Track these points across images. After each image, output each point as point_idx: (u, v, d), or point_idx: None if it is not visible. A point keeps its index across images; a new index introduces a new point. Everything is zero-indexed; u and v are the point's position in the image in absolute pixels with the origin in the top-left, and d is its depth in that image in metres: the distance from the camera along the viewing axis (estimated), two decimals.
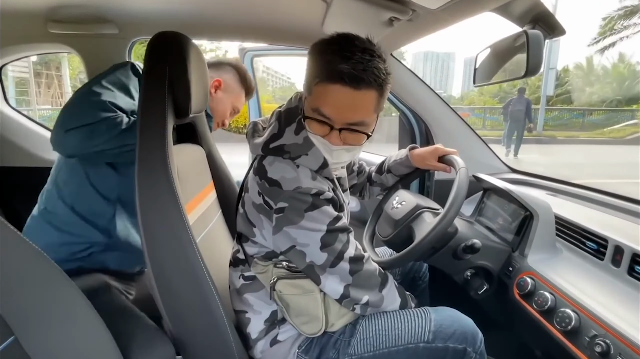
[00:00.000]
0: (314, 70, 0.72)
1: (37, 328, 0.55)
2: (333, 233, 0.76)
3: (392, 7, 0.76)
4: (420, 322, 0.83)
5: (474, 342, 0.82)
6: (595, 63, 18.36)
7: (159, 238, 0.74)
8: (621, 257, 0.76)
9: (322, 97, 0.71)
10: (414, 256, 0.86)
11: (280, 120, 0.81)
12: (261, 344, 0.84)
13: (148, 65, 0.79)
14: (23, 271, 0.54)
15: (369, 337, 0.83)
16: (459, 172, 0.89)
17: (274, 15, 1.08)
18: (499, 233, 1.05)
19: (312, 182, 0.75)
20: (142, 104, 0.77)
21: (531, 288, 0.83)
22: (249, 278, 0.86)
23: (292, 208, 0.73)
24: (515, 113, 8.86)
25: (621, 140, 12.61)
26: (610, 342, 0.63)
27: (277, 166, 0.77)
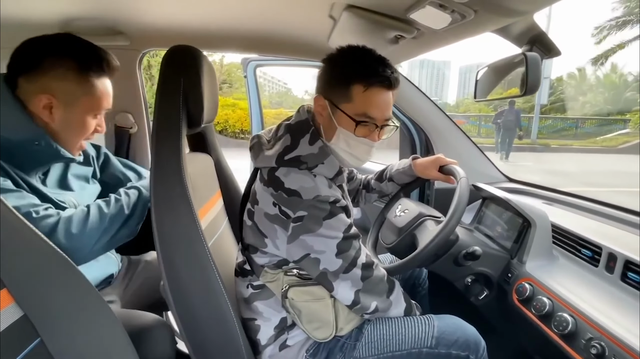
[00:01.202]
0: (354, 77, 0.79)
1: (62, 329, 0.57)
2: (348, 239, 0.79)
3: (399, 27, 0.80)
4: (424, 328, 0.86)
5: (477, 350, 0.85)
6: (588, 73, 18.70)
7: (173, 245, 0.77)
8: (614, 264, 0.80)
9: (368, 101, 0.80)
10: (417, 263, 0.89)
11: (292, 133, 0.84)
12: (270, 349, 0.87)
13: (163, 77, 0.83)
14: (49, 276, 0.57)
15: (374, 341, 0.85)
16: (459, 181, 0.92)
17: (282, 29, 1.12)
18: (497, 241, 1.09)
19: (329, 190, 0.79)
20: (157, 114, 0.80)
21: (530, 294, 0.87)
22: (258, 286, 0.88)
23: (311, 217, 0.76)
24: (507, 123, 9.64)
25: (614, 149, 12.80)
26: (605, 344, 0.66)
27: (293, 177, 0.79)
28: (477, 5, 0.60)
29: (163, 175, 0.77)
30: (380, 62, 0.79)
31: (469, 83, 71.42)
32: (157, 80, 0.84)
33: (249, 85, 2.12)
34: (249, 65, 2.06)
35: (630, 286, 0.76)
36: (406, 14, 0.73)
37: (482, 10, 0.62)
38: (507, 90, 0.99)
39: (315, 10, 0.90)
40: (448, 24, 0.69)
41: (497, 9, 0.61)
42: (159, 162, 0.77)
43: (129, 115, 1.31)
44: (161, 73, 0.83)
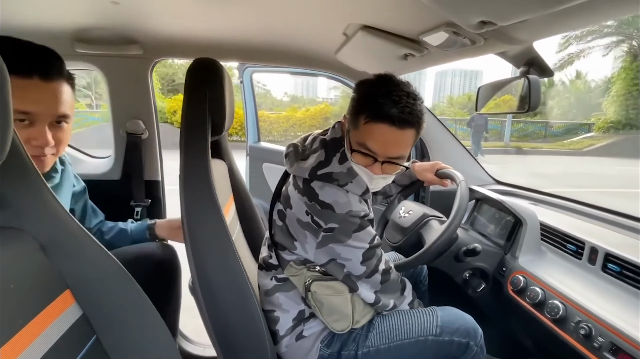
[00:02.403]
0: (363, 108, 0.80)
1: (115, 328, 0.62)
2: (372, 249, 0.87)
3: (410, 46, 0.89)
4: (429, 319, 0.94)
5: (475, 336, 0.94)
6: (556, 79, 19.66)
7: (203, 246, 0.83)
8: (596, 257, 0.91)
9: (368, 134, 0.80)
10: (426, 259, 0.98)
11: (327, 149, 0.88)
12: (287, 339, 0.93)
13: (190, 88, 0.88)
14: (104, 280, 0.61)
15: (384, 331, 0.93)
16: (460, 184, 1.02)
17: (293, 42, 1.18)
18: (491, 238, 1.20)
19: (359, 205, 0.85)
20: (185, 122, 0.85)
21: (523, 285, 0.97)
22: (282, 279, 0.95)
23: (342, 229, 0.83)
24: (477, 127, 11.12)
25: (580, 151, 13.54)
26: (592, 326, 0.77)
27: (328, 190, 0.84)
28: (487, 34, 0.69)
29: (193, 180, 0.82)
30: (397, 99, 0.77)
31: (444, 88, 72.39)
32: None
33: (245, 91, 2.16)
34: (246, 71, 2.10)
35: (610, 275, 0.87)
36: (419, 36, 0.82)
37: (491, 38, 0.72)
38: (500, 97, 1.11)
39: (331, 27, 0.97)
40: (457, 47, 0.78)
41: (504, 37, 0.71)
42: (188, 167, 0.83)
43: (140, 122, 1.34)
44: (187, 84, 0.88)
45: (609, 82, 16.60)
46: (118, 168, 1.38)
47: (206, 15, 1.02)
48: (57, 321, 0.54)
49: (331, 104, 16.28)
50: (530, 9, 0.55)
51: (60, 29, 1.12)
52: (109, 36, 1.16)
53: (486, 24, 0.61)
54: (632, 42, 14.77)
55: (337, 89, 24.75)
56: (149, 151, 1.39)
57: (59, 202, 0.59)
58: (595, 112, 16.36)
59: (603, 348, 0.73)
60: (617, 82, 15.01)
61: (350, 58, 1.14)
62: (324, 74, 1.55)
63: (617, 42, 15.32)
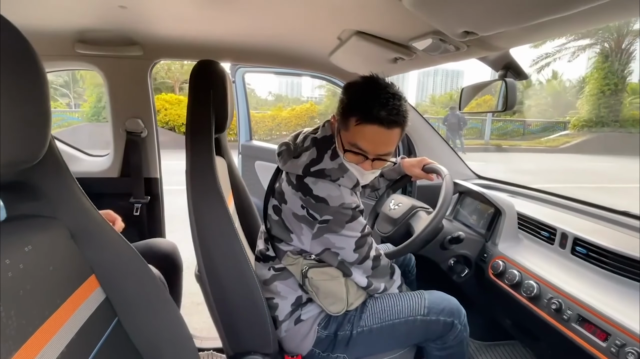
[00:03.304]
0: (353, 111, 0.85)
1: (135, 312, 0.67)
2: (363, 237, 0.94)
3: (400, 51, 0.96)
4: (417, 300, 1.03)
5: (459, 316, 1.04)
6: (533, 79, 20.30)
7: (210, 237, 0.88)
8: (566, 241, 1.01)
9: (360, 134, 0.86)
10: (414, 246, 1.07)
11: (318, 147, 0.94)
12: (286, 324, 1.00)
13: (195, 88, 0.93)
14: (126, 267, 0.67)
15: (377, 312, 1.02)
16: (445, 177, 1.11)
17: (288, 45, 1.25)
18: (473, 228, 1.29)
19: (351, 198, 0.93)
20: (191, 120, 0.91)
21: (502, 269, 1.07)
22: (279, 269, 1.01)
23: (335, 221, 0.90)
24: (452, 125, 11.65)
25: (556, 148, 14.06)
26: (562, 301, 0.87)
27: (321, 185, 0.91)
28: (470, 42, 0.78)
29: (199, 176, 0.88)
30: (385, 101, 0.82)
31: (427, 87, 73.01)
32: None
33: (237, 91, 2.20)
34: (238, 72, 2.14)
35: (578, 257, 0.97)
36: (409, 42, 0.90)
37: (473, 45, 0.80)
38: (481, 97, 1.21)
39: (326, 32, 1.04)
40: (443, 52, 0.87)
41: (485, 45, 0.80)
42: (195, 163, 0.89)
43: (139, 121, 1.37)
44: (192, 84, 0.94)
45: (583, 82, 17.27)
46: (117, 166, 1.42)
47: (205, 18, 1.06)
48: (85, 304, 0.59)
49: (316, 103, 16.34)
50: (508, 22, 0.64)
51: (62, 30, 1.15)
52: (110, 38, 1.20)
53: (469, 34, 0.69)
54: (604, 43, 15.40)
55: (321, 88, 24.77)
56: (148, 149, 1.42)
57: (86, 195, 0.64)
58: (571, 111, 17.00)
59: (571, 320, 0.83)
60: (590, 82, 15.65)
61: (343, 60, 1.21)
62: (314, 75, 1.62)
63: (590, 44, 15.94)
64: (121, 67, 1.31)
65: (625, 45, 15.02)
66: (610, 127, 14.50)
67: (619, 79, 14.80)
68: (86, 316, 0.58)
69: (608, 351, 0.74)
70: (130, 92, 1.35)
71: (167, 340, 0.72)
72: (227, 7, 0.94)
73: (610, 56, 15.17)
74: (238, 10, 0.96)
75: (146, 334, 0.69)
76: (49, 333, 0.50)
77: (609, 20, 0.70)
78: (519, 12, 0.58)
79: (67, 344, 0.52)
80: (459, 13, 0.63)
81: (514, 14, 0.60)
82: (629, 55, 15.14)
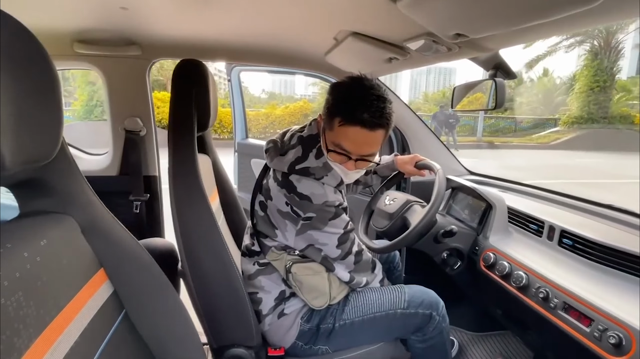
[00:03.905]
0: (338, 112, 0.87)
1: (140, 304, 0.70)
2: (346, 234, 0.98)
3: (394, 51, 1.00)
4: (397, 295, 1.07)
5: (437, 308, 1.08)
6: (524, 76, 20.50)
7: (192, 233, 0.90)
8: (553, 234, 1.06)
9: (343, 135, 0.87)
10: (410, 239, 1.10)
11: (304, 145, 0.96)
12: (269, 318, 1.03)
13: (176, 87, 0.95)
14: (131, 261, 0.69)
15: (359, 306, 1.05)
16: (438, 172, 1.15)
17: (285, 45, 1.27)
18: (466, 222, 1.34)
19: (335, 196, 0.95)
20: (173, 119, 0.93)
21: (493, 261, 1.11)
22: (263, 264, 1.04)
23: (319, 218, 0.93)
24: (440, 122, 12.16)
25: (547, 145, 14.26)
26: (549, 290, 0.91)
27: (305, 183, 0.93)
28: (462, 43, 0.81)
29: (181, 173, 0.90)
30: (369, 104, 0.84)
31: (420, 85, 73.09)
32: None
33: (233, 89, 2.22)
34: (233, 70, 2.16)
35: (565, 249, 1.02)
36: (403, 42, 0.93)
37: (464, 46, 0.84)
38: (473, 95, 1.25)
39: (322, 32, 1.07)
40: (436, 52, 0.90)
41: (475, 46, 0.83)
42: (177, 161, 0.91)
43: (138, 119, 1.39)
44: (174, 83, 0.95)
45: (573, 79, 17.50)
46: (116, 164, 1.43)
47: (203, 18, 1.08)
48: (95, 297, 0.62)
49: (310, 101, 16.32)
50: (497, 25, 0.68)
51: (61, 30, 1.16)
52: (109, 38, 1.21)
53: (460, 36, 0.73)
54: (593, 41, 15.61)
55: (315, 85, 24.74)
56: (147, 147, 1.44)
57: (94, 192, 0.67)
58: (562, 108, 17.22)
59: (557, 307, 0.88)
60: (580, 79, 15.87)
61: (338, 60, 1.24)
62: (308, 73, 1.65)
63: (580, 41, 16.14)
64: (120, 67, 1.32)
65: (613, 43, 15.25)
66: (599, 123, 14.74)
67: (607, 76, 15.05)
68: (96, 308, 0.61)
69: (591, 335, 0.78)
70: (129, 91, 1.37)
71: (172, 332, 0.74)
72: (224, 7, 0.95)
73: (599, 54, 15.39)
74: (236, 11, 0.98)
75: (152, 327, 0.72)
76: (64, 322, 0.53)
77: (595, 24, 0.74)
78: (508, 16, 0.62)
79: (80, 333, 0.55)
80: (451, 16, 0.67)
81: (502, 18, 0.64)
82: (617, 53, 15.38)
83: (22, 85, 0.44)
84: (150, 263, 0.73)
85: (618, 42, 15.31)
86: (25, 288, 0.46)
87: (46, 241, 0.53)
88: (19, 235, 0.50)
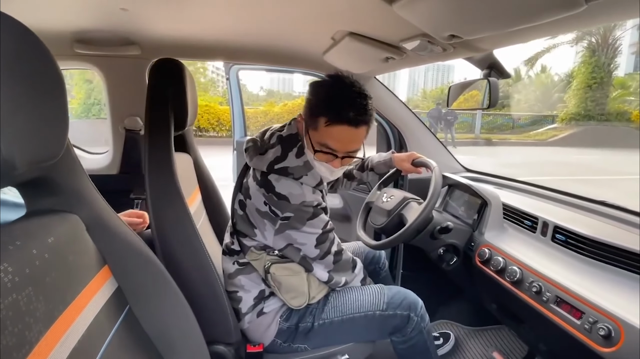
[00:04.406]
0: (322, 112, 0.88)
1: (143, 299, 0.72)
2: (325, 234, 0.99)
3: (391, 51, 1.01)
4: (377, 296, 1.09)
5: (416, 308, 1.10)
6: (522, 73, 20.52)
7: (169, 232, 0.91)
8: (547, 229, 1.08)
9: (329, 135, 0.89)
10: (407, 235, 1.12)
11: (283, 145, 0.96)
12: (249, 316, 1.04)
13: (152, 87, 0.95)
14: (134, 258, 0.71)
15: (338, 306, 1.07)
16: (434, 170, 1.17)
17: (284, 44, 1.28)
18: (462, 219, 1.36)
19: (313, 196, 0.96)
20: (149, 118, 0.93)
21: (488, 256, 1.13)
22: (243, 264, 1.05)
23: (296, 218, 0.94)
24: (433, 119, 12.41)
25: (544, 142, 14.31)
26: (542, 284, 0.94)
27: (283, 183, 0.93)
28: (456, 44, 0.83)
29: (157, 172, 0.91)
30: (352, 102, 0.86)
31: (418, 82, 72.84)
32: None
33: (232, 88, 2.24)
34: (232, 69, 2.18)
35: (558, 244, 1.04)
36: (399, 43, 0.95)
37: (459, 47, 0.86)
38: (469, 92, 1.27)
39: (320, 32, 1.08)
40: (431, 52, 0.92)
41: (469, 47, 0.85)
42: (153, 159, 0.91)
43: (138, 119, 1.40)
44: (150, 83, 0.96)
45: (571, 76, 17.54)
46: (116, 163, 1.45)
47: (202, 18, 1.09)
48: (100, 293, 0.64)
49: None
50: (489, 27, 0.70)
51: (61, 30, 1.17)
52: (109, 38, 1.22)
53: (454, 37, 0.75)
54: (591, 38, 15.64)
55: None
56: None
57: (97, 191, 0.68)
58: (560, 105, 17.26)
59: (550, 301, 0.90)
60: (577, 76, 15.91)
61: (336, 59, 1.26)
62: (307, 72, 1.66)
63: (577, 38, 16.17)
64: (119, 67, 1.34)
65: (611, 40, 15.28)
66: (596, 120, 14.79)
67: (605, 73, 15.08)
68: (101, 304, 0.63)
69: (582, 327, 0.81)
70: (129, 90, 1.38)
71: (174, 326, 0.76)
72: (222, 7, 0.97)
73: (597, 50, 15.42)
74: (234, 11, 0.99)
75: (155, 321, 0.74)
76: (71, 317, 0.55)
77: (581, 27, 0.76)
78: (499, 19, 0.64)
79: (86, 328, 0.57)
80: (445, 18, 0.69)
81: (494, 21, 0.66)
82: (615, 50, 15.41)
83: (29, 87, 0.46)
84: (152, 259, 0.75)
85: (615, 39, 15.34)
86: (34, 284, 0.48)
87: (53, 239, 0.54)
88: (28, 233, 0.51)
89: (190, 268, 0.92)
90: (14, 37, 0.45)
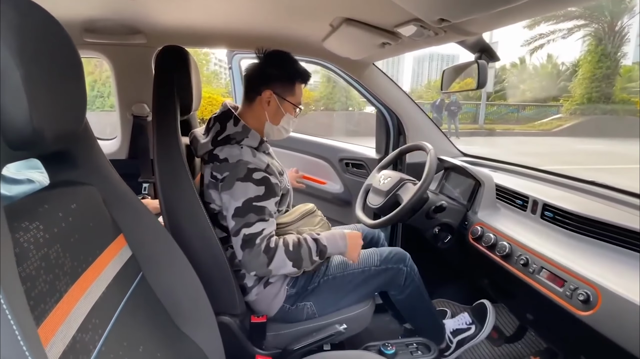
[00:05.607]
0: (296, 77, 1.11)
1: (155, 267, 0.78)
2: (253, 207, 0.98)
3: (386, 36, 1.05)
4: (372, 255, 1.22)
5: (404, 260, 1.23)
6: (527, 62, 20.31)
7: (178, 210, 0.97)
8: (536, 207, 1.13)
9: (301, 93, 1.13)
10: (403, 214, 1.18)
11: (220, 120, 1.07)
12: (256, 289, 1.12)
13: (158, 74, 1.01)
14: (146, 227, 0.77)
15: (339, 264, 1.18)
16: (429, 152, 1.22)
17: (284, 31, 1.32)
18: (457, 200, 1.41)
19: (253, 159, 1.02)
20: (157, 103, 0.99)
21: (481, 233, 1.19)
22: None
23: (230, 176, 0.99)
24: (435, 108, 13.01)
25: (549, 132, 14.22)
26: (529, 257, 0.99)
27: (226, 150, 1.03)
28: (447, 28, 0.87)
29: (166, 156, 0.97)
30: (300, 66, 1.12)
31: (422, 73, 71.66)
32: None
33: (234, 77, 2.27)
34: (234, 58, 2.21)
35: (546, 221, 1.09)
36: (394, 28, 0.99)
37: (449, 31, 0.90)
38: (464, 80, 1.31)
39: (319, 19, 1.13)
40: (424, 37, 0.96)
41: (459, 30, 0.89)
42: (161, 142, 0.97)
43: (145, 105, 1.46)
44: (156, 70, 1.01)
45: (576, 65, 17.30)
46: (125, 148, 1.51)
47: (205, 6, 1.13)
48: (115, 259, 0.70)
49: (311, 90, 16.24)
50: (476, 9, 0.74)
51: (72, 19, 1.22)
52: (115, 26, 1.27)
53: (444, 21, 0.79)
54: (597, 25, 15.38)
55: (316, 74, 24.52)
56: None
57: (112, 166, 0.74)
58: (564, 94, 17.08)
59: (535, 272, 0.96)
60: (583, 65, 15.70)
61: (335, 46, 1.30)
62: (309, 60, 1.70)
63: (582, 25, 15.91)
64: (126, 55, 1.39)
65: (618, 27, 15.02)
66: (602, 110, 14.64)
67: (611, 62, 14.87)
68: (118, 268, 0.69)
69: (564, 294, 0.86)
70: (136, 78, 1.43)
71: (184, 294, 0.82)
72: None
73: (603, 39, 15.18)
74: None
75: (166, 288, 0.80)
76: (92, 276, 0.61)
77: (571, 5, 0.79)
78: (485, 0, 0.68)
79: (105, 287, 0.63)
80: (433, 2, 0.73)
81: (480, 2, 0.70)
82: (622, 38, 15.16)
83: (53, 67, 0.51)
84: (162, 231, 0.81)
85: (623, 27, 15.08)
86: (62, 242, 0.54)
87: (75, 206, 0.61)
88: (54, 199, 0.57)
89: (199, 247, 0.98)
90: (39, 23, 0.50)
